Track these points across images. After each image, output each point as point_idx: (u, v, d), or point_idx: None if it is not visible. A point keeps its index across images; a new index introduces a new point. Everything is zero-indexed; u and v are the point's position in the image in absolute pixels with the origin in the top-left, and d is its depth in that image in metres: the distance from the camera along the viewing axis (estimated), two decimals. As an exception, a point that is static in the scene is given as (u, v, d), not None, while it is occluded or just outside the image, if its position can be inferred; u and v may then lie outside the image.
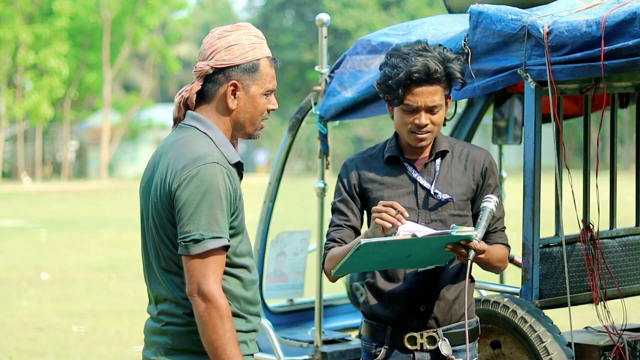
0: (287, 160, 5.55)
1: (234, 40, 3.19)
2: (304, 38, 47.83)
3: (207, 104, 3.22)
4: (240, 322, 3.17)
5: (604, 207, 4.45)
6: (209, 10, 67.53)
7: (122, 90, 53.22)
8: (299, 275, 5.92)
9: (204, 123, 3.19)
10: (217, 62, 3.18)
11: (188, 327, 3.12)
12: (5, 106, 41.19)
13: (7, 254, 15.82)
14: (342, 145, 43.51)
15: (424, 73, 3.60)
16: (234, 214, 3.13)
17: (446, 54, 3.67)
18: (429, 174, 3.74)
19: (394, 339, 3.73)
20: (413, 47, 3.67)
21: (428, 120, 3.66)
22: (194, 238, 3.02)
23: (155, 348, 3.18)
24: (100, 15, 43.01)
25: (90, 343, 9.00)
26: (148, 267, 3.23)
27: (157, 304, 3.19)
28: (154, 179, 3.17)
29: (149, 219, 3.18)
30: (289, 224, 16.38)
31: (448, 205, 3.70)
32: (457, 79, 3.67)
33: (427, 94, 3.63)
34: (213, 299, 3.03)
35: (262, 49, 3.22)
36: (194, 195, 3.04)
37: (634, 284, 4.63)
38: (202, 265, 3.03)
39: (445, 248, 3.51)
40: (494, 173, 3.78)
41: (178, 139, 3.19)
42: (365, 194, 3.78)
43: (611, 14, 3.92)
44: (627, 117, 28.03)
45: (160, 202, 3.11)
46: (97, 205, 27.50)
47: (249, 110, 3.22)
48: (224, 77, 3.18)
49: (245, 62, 3.18)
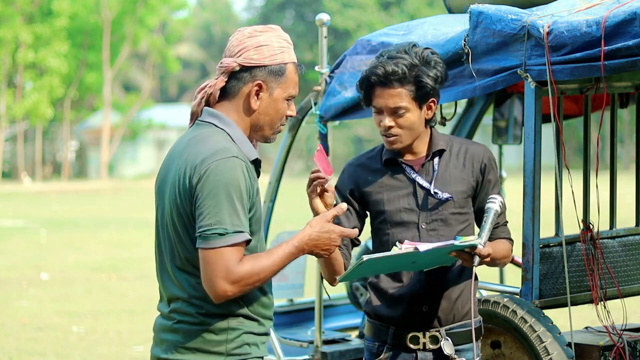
0: (287, 160, 5.55)
1: (264, 41, 3.17)
2: (304, 38, 47.81)
3: (228, 101, 3.19)
4: (253, 325, 3.15)
5: (604, 207, 4.45)
6: (209, 10, 67.51)
7: (122, 90, 53.22)
8: (299, 275, 5.92)
9: (222, 120, 3.17)
10: (245, 60, 3.15)
11: (201, 325, 3.10)
12: (5, 106, 41.20)
13: (7, 254, 15.82)
14: (342, 145, 43.49)
15: (383, 76, 3.61)
16: (251, 210, 3.10)
17: (426, 56, 3.65)
18: (428, 173, 3.74)
19: (397, 338, 3.73)
20: (396, 49, 3.67)
21: (392, 123, 3.66)
22: (217, 232, 2.99)
23: (165, 346, 3.16)
24: (100, 15, 43.02)
25: (90, 343, 9.00)
26: (161, 266, 3.20)
27: (170, 302, 3.16)
28: (170, 177, 3.14)
29: (165, 217, 3.15)
30: (289, 224, 16.37)
31: (448, 204, 3.70)
32: (424, 84, 3.62)
33: (388, 96, 3.64)
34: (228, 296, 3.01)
35: (290, 54, 3.20)
36: (215, 188, 3.01)
37: (634, 284, 4.63)
38: (221, 259, 2.99)
39: (449, 254, 3.51)
40: (494, 168, 3.78)
41: (195, 136, 3.16)
42: (365, 197, 3.77)
43: (611, 14, 3.91)
44: (627, 117, 28.03)
45: (180, 198, 3.08)
46: (97, 205, 27.50)
47: (270, 112, 3.19)
48: (250, 76, 3.16)
49: (273, 64, 3.16)
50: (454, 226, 3.71)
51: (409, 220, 3.70)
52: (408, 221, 3.70)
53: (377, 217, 3.77)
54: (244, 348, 3.12)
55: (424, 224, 3.69)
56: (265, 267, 3.05)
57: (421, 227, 3.70)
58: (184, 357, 3.12)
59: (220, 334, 3.10)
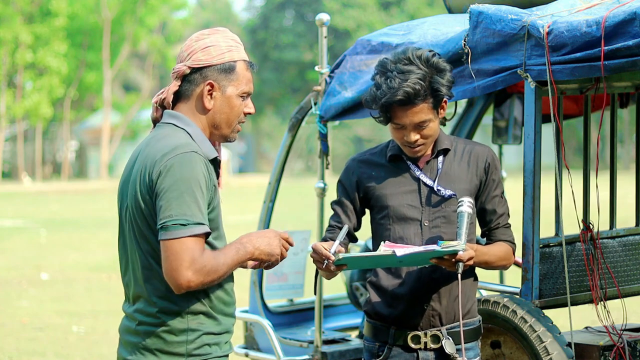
0: (287, 160, 5.56)
1: (211, 42, 3.24)
2: (304, 38, 47.80)
3: (184, 104, 3.26)
4: (211, 324, 3.19)
5: (604, 207, 4.46)
6: (209, 10, 67.50)
7: (122, 90, 53.22)
8: (299, 275, 5.91)
9: (182, 120, 3.23)
10: (194, 62, 3.23)
11: (161, 327, 3.15)
12: (5, 106, 41.18)
13: (7, 254, 15.82)
14: (342, 145, 43.51)
15: (406, 99, 3.61)
16: (209, 205, 3.15)
17: (434, 62, 3.65)
18: (432, 171, 3.75)
19: (398, 338, 3.74)
20: (399, 61, 3.64)
21: (417, 136, 3.69)
22: (179, 222, 3.03)
23: (130, 347, 3.22)
24: (100, 15, 43.00)
25: (90, 343, 9.00)
26: (125, 265, 3.25)
27: (134, 302, 3.22)
28: (132, 175, 3.20)
29: (127, 216, 3.20)
30: (289, 224, 16.37)
31: (451, 201, 3.71)
32: (442, 95, 3.65)
33: (412, 114, 3.65)
34: (190, 287, 3.05)
35: (239, 52, 3.28)
36: (176, 182, 3.06)
37: (634, 284, 4.63)
38: (186, 248, 3.03)
39: (430, 260, 3.52)
40: (497, 169, 3.79)
41: (155, 135, 3.23)
42: (368, 192, 3.79)
43: (611, 14, 3.91)
44: (627, 117, 28.04)
45: (141, 194, 3.13)
46: (97, 205, 27.49)
47: (225, 110, 3.26)
48: (201, 77, 3.23)
49: (221, 62, 3.23)
50: (456, 224, 3.71)
51: (412, 216, 3.71)
52: (411, 217, 3.71)
53: (379, 212, 3.77)
54: (204, 349, 3.17)
55: (426, 221, 3.70)
56: (223, 264, 3.09)
57: (424, 225, 3.70)
58: (146, 358, 3.17)
59: (180, 335, 3.15)
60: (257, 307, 5.69)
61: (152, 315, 3.16)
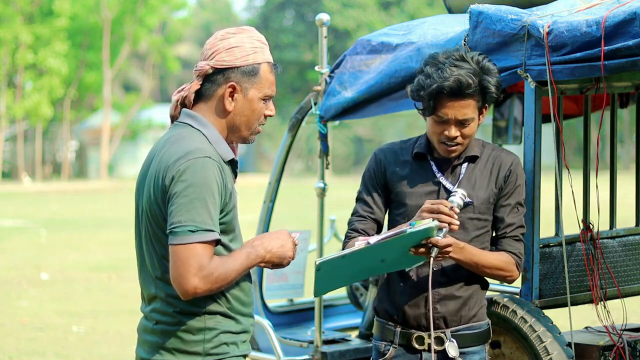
0: (287, 160, 5.55)
1: (236, 42, 3.19)
2: (304, 38, 47.81)
3: (204, 104, 3.22)
4: (230, 323, 3.17)
5: (604, 207, 4.45)
6: (209, 10, 67.52)
7: (122, 90, 53.22)
8: (299, 275, 5.92)
9: (198, 120, 3.20)
10: (217, 63, 3.18)
11: (178, 326, 3.14)
12: (5, 106, 41.19)
13: (7, 254, 15.82)
14: (342, 145, 43.48)
15: (456, 87, 3.59)
16: (223, 210, 3.12)
17: (485, 64, 3.66)
18: (454, 176, 3.74)
19: (403, 338, 3.74)
20: (451, 56, 3.65)
21: (458, 133, 3.67)
22: (188, 228, 3.01)
23: (147, 347, 3.20)
24: (100, 15, 43.01)
25: (90, 343, 9.00)
26: (142, 265, 3.24)
27: (150, 302, 3.21)
28: (147, 176, 3.18)
29: (143, 217, 3.18)
30: (289, 224, 16.38)
31: (468, 208, 3.69)
32: (492, 94, 3.66)
33: (459, 107, 3.63)
34: (197, 294, 3.03)
35: (263, 54, 3.22)
36: (187, 188, 3.04)
37: (634, 284, 4.63)
38: (190, 256, 3.01)
39: (410, 252, 3.50)
40: (518, 178, 3.77)
41: (172, 136, 3.20)
42: (389, 186, 3.79)
43: (611, 14, 3.91)
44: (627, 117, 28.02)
45: (155, 197, 3.11)
46: (97, 205, 27.50)
47: (246, 113, 3.22)
48: (223, 78, 3.19)
49: (245, 64, 3.18)
50: (470, 231, 3.70)
51: None
52: None
53: (397, 208, 3.78)
54: (222, 348, 3.15)
55: None
56: (232, 270, 3.07)
57: None
58: (164, 357, 3.15)
59: (197, 334, 3.14)
60: (257, 307, 5.69)
61: (169, 314, 3.14)
